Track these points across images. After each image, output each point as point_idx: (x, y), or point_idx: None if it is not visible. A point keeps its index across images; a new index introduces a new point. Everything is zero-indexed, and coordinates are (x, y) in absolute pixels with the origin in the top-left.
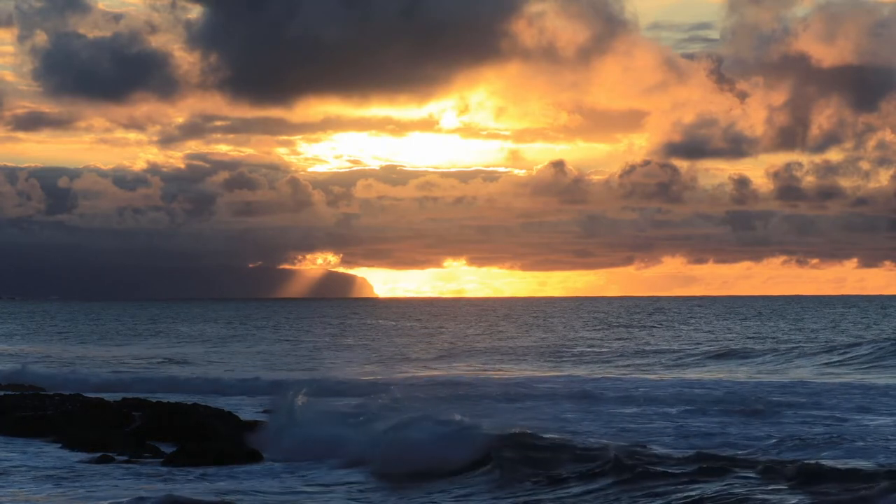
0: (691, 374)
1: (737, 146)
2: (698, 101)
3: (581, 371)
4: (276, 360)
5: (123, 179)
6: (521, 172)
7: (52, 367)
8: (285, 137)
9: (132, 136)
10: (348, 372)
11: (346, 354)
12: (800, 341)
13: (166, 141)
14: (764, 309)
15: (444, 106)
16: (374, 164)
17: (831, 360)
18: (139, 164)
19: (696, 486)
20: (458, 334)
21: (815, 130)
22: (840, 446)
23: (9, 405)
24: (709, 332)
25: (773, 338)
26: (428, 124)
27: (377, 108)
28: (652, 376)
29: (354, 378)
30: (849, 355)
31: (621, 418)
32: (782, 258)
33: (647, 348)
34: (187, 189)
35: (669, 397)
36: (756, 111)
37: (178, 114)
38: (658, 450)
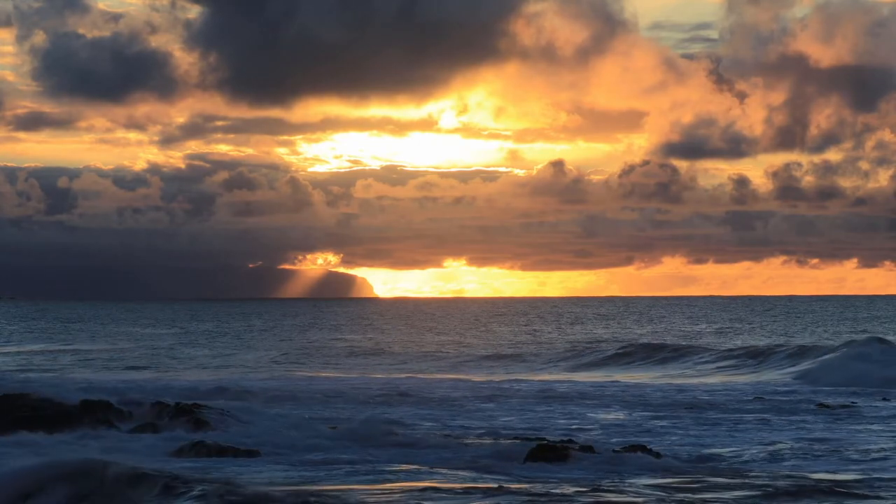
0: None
1: (736, 146)
2: (698, 101)
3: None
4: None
5: (123, 179)
6: (520, 172)
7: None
8: (285, 137)
9: (132, 136)
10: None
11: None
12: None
13: (166, 141)
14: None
15: (443, 106)
16: (374, 164)
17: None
18: (139, 164)
19: None
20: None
21: (814, 130)
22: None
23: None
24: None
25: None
26: (427, 124)
27: (377, 109)
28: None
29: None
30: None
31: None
32: (782, 258)
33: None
34: (187, 189)
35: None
36: (755, 111)
37: (178, 114)
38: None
